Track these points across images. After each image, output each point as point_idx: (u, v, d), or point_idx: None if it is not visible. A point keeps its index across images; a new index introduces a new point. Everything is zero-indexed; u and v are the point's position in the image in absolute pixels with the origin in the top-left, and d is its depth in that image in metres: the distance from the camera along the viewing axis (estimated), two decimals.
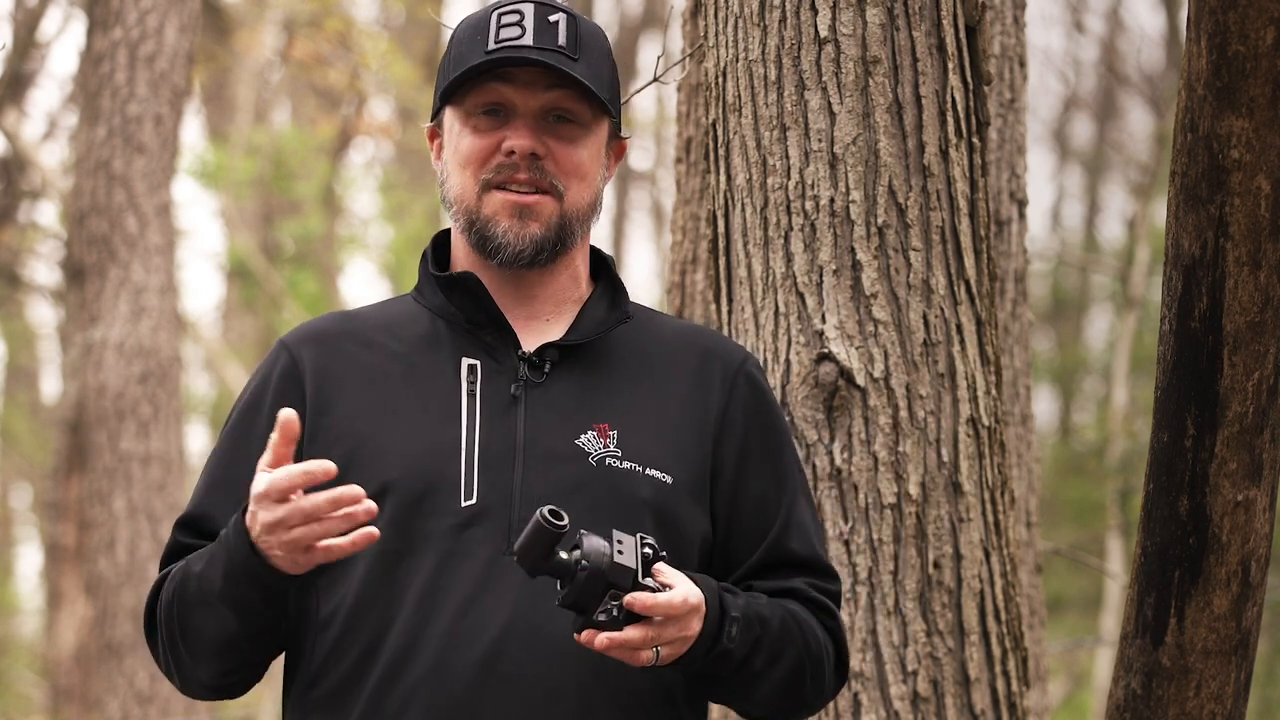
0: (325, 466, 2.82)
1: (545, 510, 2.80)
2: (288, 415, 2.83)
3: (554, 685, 2.95)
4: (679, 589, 2.87)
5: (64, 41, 31.58)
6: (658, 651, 2.87)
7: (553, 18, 3.08)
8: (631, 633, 2.83)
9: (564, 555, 2.81)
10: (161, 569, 3.12)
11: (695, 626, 2.90)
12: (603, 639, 2.82)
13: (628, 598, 2.82)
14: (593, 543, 2.82)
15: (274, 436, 2.85)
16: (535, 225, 3.06)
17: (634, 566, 2.83)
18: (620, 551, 2.83)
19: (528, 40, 3.06)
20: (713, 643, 2.94)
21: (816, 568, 3.14)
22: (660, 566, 2.89)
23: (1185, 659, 3.43)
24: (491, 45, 3.06)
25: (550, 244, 3.08)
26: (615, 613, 2.82)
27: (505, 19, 3.08)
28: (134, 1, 9.42)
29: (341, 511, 2.82)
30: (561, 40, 3.07)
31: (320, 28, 15.96)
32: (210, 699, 3.15)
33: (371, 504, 2.83)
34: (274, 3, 16.41)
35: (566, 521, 2.80)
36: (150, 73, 9.42)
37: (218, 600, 2.95)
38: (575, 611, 2.83)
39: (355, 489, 2.82)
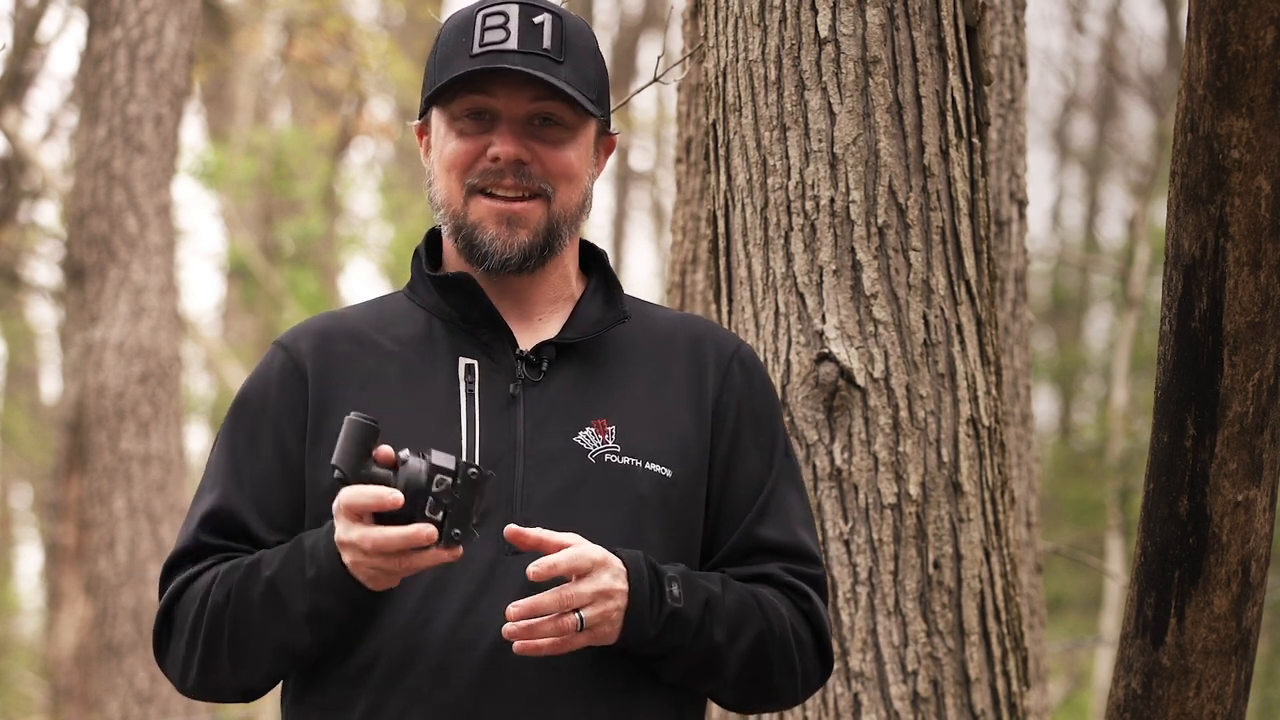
0: (395, 496, 2.80)
1: (352, 413, 2.79)
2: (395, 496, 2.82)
3: (554, 688, 2.94)
4: (573, 544, 2.86)
5: (64, 41, 31.60)
6: (580, 619, 2.86)
7: (537, 19, 3.05)
8: (542, 596, 2.83)
9: (378, 469, 2.80)
10: (179, 566, 3.06)
11: (610, 580, 2.88)
12: (512, 609, 2.83)
13: (508, 529, 2.82)
14: (405, 454, 2.81)
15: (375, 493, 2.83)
16: (524, 232, 3.05)
17: (454, 457, 2.81)
18: (437, 451, 2.81)
19: (512, 44, 3.03)
20: (659, 603, 2.92)
21: (793, 553, 3.09)
22: (562, 535, 2.88)
23: (1185, 659, 3.43)
24: (476, 49, 3.04)
25: (539, 249, 3.06)
26: (449, 514, 2.79)
27: (490, 20, 3.05)
28: (134, 1, 9.42)
29: (404, 542, 2.81)
30: (546, 43, 3.04)
31: (320, 28, 15.96)
32: (227, 702, 3.11)
33: (431, 531, 2.82)
34: (274, 3, 16.42)
35: (377, 421, 2.80)
36: (150, 73, 9.42)
37: (295, 612, 2.93)
38: (401, 522, 2.79)
39: (428, 529, 2.81)
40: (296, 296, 17.15)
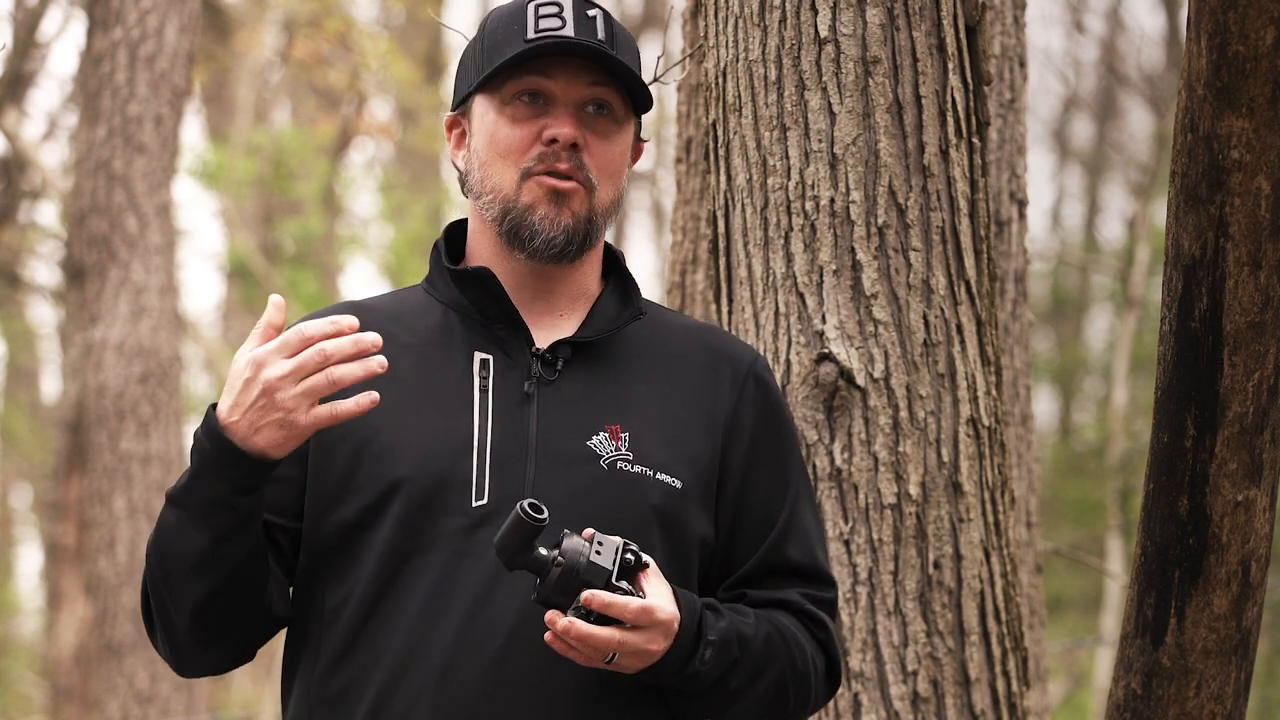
0: (351, 321, 2.82)
1: (525, 503, 2.80)
2: (276, 300, 2.84)
3: (560, 689, 2.94)
4: (649, 600, 2.86)
5: (64, 41, 31.59)
6: (613, 655, 2.86)
7: (591, 12, 3.08)
8: (600, 629, 2.83)
9: (542, 551, 2.82)
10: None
11: (660, 643, 2.89)
12: (565, 623, 2.82)
13: (585, 594, 2.81)
14: (572, 541, 2.83)
15: (264, 320, 2.83)
16: (568, 214, 3.05)
17: (610, 568, 2.82)
18: (598, 552, 2.83)
19: (569, 31, 3.05)
20: (684, 665, 2.93)
21: (813, 575, 3.12)
22: (649, 573, 2.89)
23: (1185, 659, 3.43)
24: (532, 34, 3.05)
25: (580, 236, 3.07)
26: (584, 613, 2.83)
27: (544, 10, 3.07)
28: (134, 1, 9.42)
29: (355, 348, 2.81)
30: (601, 34, 3.06)
31: (320, 28, 15.96)
32: (202, 673, 3.08)
33: (376, 336, 2.82)
34: (274, 3, 16.42)
35: (546, 515, 2.81)
36: (150, 73, 9.42)
37: (186, 513, 2.89)
38: (547, 608, 2.84)
39: (373, 335, 2.81)
40: (296, 296, 17.14)
